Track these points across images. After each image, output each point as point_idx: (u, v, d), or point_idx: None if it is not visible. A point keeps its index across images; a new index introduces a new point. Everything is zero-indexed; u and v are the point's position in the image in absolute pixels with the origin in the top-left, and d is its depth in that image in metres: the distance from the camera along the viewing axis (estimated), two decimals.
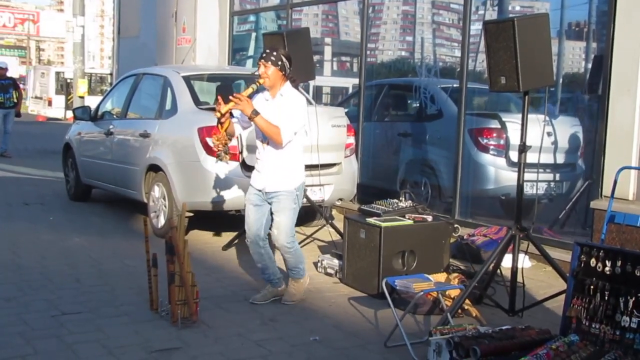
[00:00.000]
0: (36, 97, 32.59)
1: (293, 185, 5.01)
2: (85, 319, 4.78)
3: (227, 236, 7.32)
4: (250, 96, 4.90)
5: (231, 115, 4.92)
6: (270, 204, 5.09)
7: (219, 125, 4.86)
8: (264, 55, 4.94)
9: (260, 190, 5.08)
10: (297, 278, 5.27)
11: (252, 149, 6.55)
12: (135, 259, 6.24)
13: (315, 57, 7.68)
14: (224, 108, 4.77)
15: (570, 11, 7.98)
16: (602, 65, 6.56)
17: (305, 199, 6.39)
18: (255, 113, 4.78)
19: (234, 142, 6.46)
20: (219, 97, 4.89)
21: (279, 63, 4.90)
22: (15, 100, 15.10)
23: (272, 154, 4.98)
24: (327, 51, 12.03)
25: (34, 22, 63.04)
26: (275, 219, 5.06)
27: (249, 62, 12.93)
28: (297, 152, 5.06)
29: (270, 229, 5.16)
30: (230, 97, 4.78)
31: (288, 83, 5.02)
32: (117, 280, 5.76)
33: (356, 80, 9.74)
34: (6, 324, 4.61)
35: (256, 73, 5.04)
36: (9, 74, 15.66)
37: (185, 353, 4.23)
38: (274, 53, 4.92)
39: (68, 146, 9.65)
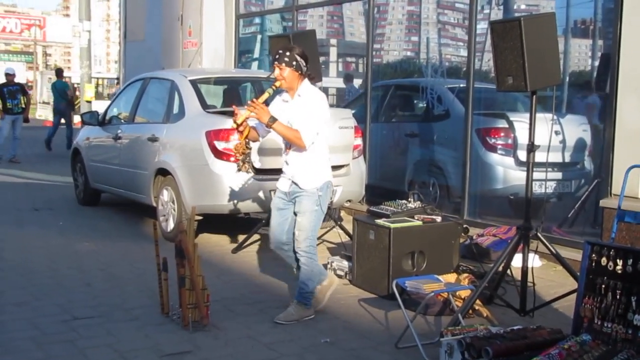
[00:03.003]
0: (44, 103, 32.74)
1: (314, 184, 4.82)
2: (96, 323, 4.79)
3: (237, 239, 7.34)
4: (267, 102, 4.81)
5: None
6: (294, 204, 4.96)
7: (239, 135, 4.82)
8: (277, 56, 4.78)
9: (284, 192, 4.96)
10: (303, 303, 4.95)
11: (261, 152, 6.58)
12: (145, 263, 6.26)
13: (321, 59, 7.67)
14: (240, 118, 4.68)
15: (576, 9, 7.96)
16: (609, 63, 6.54)
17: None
18: (273, 120, 4.64)
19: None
20: (234, 107, 4.82)
21: (294, 63, 4.73)
22: (24, 106, 15.16)
23: (296, 155, 4.85)
24: (333, 52, 12.03)
25: (41, 27, 63.24)
26: (297, 220, 4.89)
27: (255, 64, 12.95)
28: (321, 151, 4.89)
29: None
30: (246, 106, 4.69)
31: (306, 81, 4.85)
32: (127, 284, 5.78)
33: (362, 81, 9.74)
34: (18, 329, 4.63)
35: (271, 76, 4.94)
36: (16, 80, 15.73)
37: (196, 356, 4.24)
38: (287, 54, 4.75)
39: (77, 151, 9.68)
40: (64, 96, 17.51)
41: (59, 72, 18.81)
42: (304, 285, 4.95)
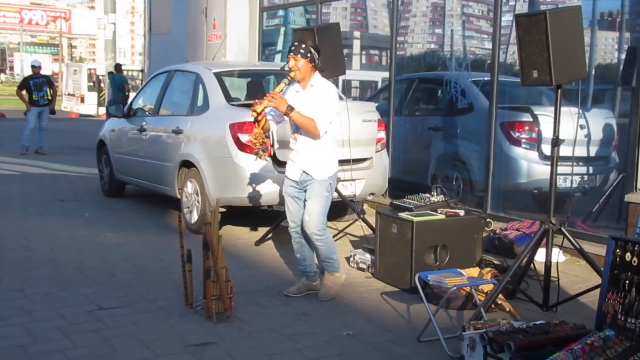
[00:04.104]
0: (69, 94, 33.02)
1: (326, 174, 5.06)
2: (121, 313, 4.86)
3: (260, 231, 7.38)
4: (283, 91, 4.98)
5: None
6: (305, 192, 5.14)
7: (256, 124, 4.92)
8: (293, 48, 4.99)
9: (296, 181, 5.13)
10: (332, 271, 5.27)
11: (283, 144, 6.59)
12: (168, 254, 6.32)
13: (344, 51, 7.67)
14: (259, 107, 4.83)
15: (603, 1, 7.89)
16: (635, 56, 6.48)
17: (336, 194, 6.41)
18: (290, 109, 4.86)
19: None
20: (255, 100, 4.96)
21: (308, 55, 4.96)
22: (50, 98, 15.32)
23: (306, 144, 5.04)
24: (356, 45, 12.02)
25: (66, 19, 63.85)
26: (307, 205, 5.10)
27: (278, 56, 12.97)
28: (330, 142, 5.11)
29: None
30: (265, 97, 4.85)
31: (317, 74, 5.08)
32: (151, 276, 5.84)
33: (385, 74, 9.72)
34: (45, 319, 4.71)
35: (286, 67, 5.09)
36: (42, 72, 15.89)
37: (219, 347, 4.28)
38: (303, 45, 4.98)
39: (102, 143, 9.77)
40: (122, 89, 17.98)
41: (117, 66, 19.96)
42: (329, 259, 5.24)
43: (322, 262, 5.32)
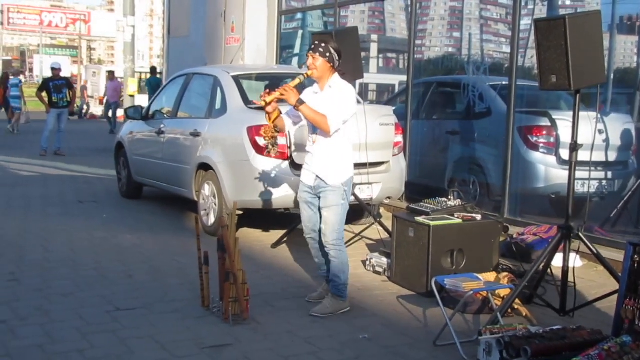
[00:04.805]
0: (88, 97, 33.26)
1: (340, 180, 4.93)
2: (139, 314, 4.89)
3: (277, 234, 7.39)
4: (298, 88, 4.91)
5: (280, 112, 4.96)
6: (319, 198, 5.06)
7: (267, 116, 4.91)
8: (312, 47, 4.92)
9: (310, 186, 5.07)
10: (338, 295, 5.04)
11: (300, 147, 6.60)
12: (185, 256, 6.35)
13: (362, 54, 7.68)
14: (269, 97, 4.79)
15: (622, 5, 7.84)
16: None
17: (353, 197, 6.41)
18: (300, 102, 4.76)
19: (282, 141, 6.52)
20: (268, 90, 4.93)
21: (327, 55, 4.87)
22: (69, 100, 15.45)
23: (322, 147, 4.94)
24: (374, 48, 12.02)
25: (86, 22, 64.38)
26: (323, 215, 4.98)
27: (295, 60, 13.00)
28: (346, 147, 5.00)
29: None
30: (277, 89, 4.80)
31: (336, 75, 4.97)
32: (168, 277, 5.87)
33: (403, 78, 9.71)
34: (64, 319, 4.75)
35: (304, 65, 5.05)
36: (61, 74, 16.03)
37: (236, 349, 4.30)
38: (323, 45, 4.89)
39: (120, 145, 9.83)
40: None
41: (153, 69, 21.72)
42: (337, 278, 5.03)
43: (330, 282, 5.09)
